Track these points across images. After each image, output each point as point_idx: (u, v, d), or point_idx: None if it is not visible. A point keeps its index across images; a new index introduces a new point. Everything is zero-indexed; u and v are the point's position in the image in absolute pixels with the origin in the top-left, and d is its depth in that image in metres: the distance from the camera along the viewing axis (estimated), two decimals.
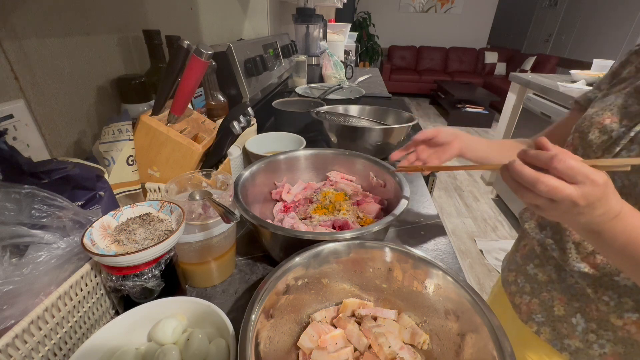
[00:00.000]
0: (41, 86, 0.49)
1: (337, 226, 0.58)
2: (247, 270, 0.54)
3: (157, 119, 0.55)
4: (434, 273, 0.41)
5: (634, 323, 0.42)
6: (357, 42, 3.04)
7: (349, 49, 2.41)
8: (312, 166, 0.73)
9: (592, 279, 0.44)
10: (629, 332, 0.43)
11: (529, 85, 2.14)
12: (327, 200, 0.65)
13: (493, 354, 0.31)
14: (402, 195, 0.55)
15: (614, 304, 0.43)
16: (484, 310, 0.35)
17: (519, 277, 0.56)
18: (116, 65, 0.64)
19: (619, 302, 0.43)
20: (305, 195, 0.68)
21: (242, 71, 0.92)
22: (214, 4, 1.03)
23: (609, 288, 0.43)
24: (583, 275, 0.45)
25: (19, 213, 0.34)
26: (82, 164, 0.46)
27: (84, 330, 0.39)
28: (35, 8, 0.47)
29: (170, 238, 0.38)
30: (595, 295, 0.45)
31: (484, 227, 2.29)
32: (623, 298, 0.42)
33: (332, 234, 0.49)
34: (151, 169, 0.57)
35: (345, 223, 0.58)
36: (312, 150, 0.73)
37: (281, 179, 0.71)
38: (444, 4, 5.55)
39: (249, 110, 0.60)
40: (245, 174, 0.62)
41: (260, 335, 0.33)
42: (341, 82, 1.65)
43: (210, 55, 0.51)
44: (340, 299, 0.45)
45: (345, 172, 0.72)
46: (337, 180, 0.70)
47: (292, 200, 0.67)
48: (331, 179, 0.71)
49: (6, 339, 0.29)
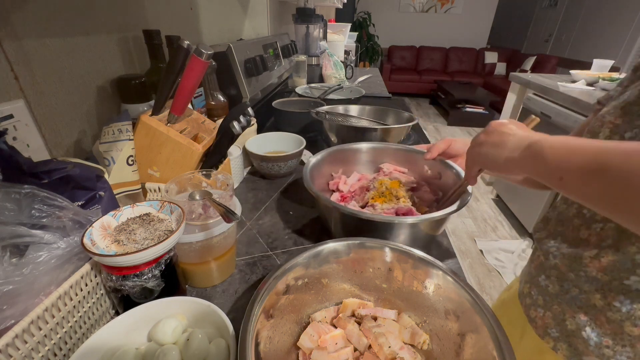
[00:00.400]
0: (41, 86, 0.49)
1: (401, 213, 0.60)
2: (247, 270, 0.54)
3: (157, 119, 0.55)
4: (434, 273, 0.41)
5: None
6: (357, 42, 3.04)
7: (349, 49, 2.41)
8: (367, 159, 0.75)
9: (601, 283, 0.42)
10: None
11: (529, 85, 2.14)
12: (384, 187, 0.66)
13: (493, 354, 0.31)
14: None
15: (626, 310, 0.40)
16: (484, 310, 0.35)
17: (533, 289, 0.53)
18: (116, 65, 0.64)
19: (631, 307, 0.40)
20: (361, 184, 0.70)
21: (242, 71, 0.92)
22: (214, 4, 1.03)
23: (620, 292, 0.40)
24: (591, 280, 0.43)
25: (19, 213, 0.34)
26: (82, 164, 0.46)
27: (84, 330, 0.39)
28: (35, 8, 0.47)
29: (170, 238, 0.38)
30: (605, 302, 0.41)
31: (484, 227, 2.29)
32: (636, 304, 0.39)
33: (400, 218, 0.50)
34: (151, 169, 0.57)
35: (409, 210, 0.59)
36: (371, 144, 0.75)
37: (337, 171, 0.73)
38: (444, 4, 5.55)
39: (249, 110, 0.60)
40: (312, 162, 0.65)
41: (260, 335, 0.33)
42: (341, 82, 1.65)
43: (210, 55, 0.51)
44: (340, 299, 0.45)
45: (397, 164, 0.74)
46: (391, 171, 0.71)
47: (349, 191, 0.69)
48: (384, 170, 0.72)
49: (6, 339, 0.29)
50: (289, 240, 0.62)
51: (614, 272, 0.40)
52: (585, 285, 0.44)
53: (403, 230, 0.51)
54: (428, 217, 0.50)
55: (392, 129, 0.84)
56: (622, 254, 0.40)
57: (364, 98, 1.27)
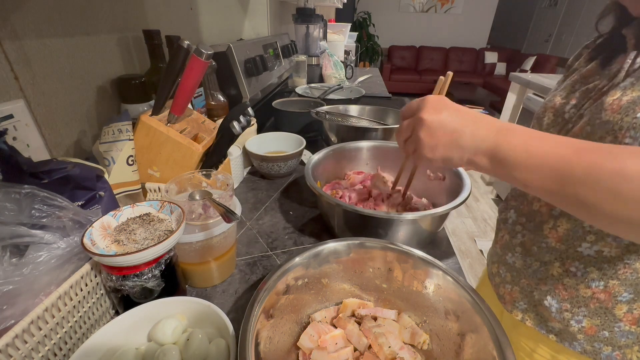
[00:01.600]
0: (41, 86, 0.49)
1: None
2: (247, 270, 0.54)
3: (157, 119, 0.55)
4: (434, 273, 0.41)
5: (602, 291, 0.44)
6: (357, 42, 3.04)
7: (349, 49, 2.41)
8: (369, 158, 0.76)
9: (559, 252, 0.47)
10: (599, 300, 0.44)
11: (529, 85, 2.14)
12: None
13: (493, 354, 0.31)
14: (463, 186, 0.57)
15: (580, 274, 0.45)
16: (484, 310, 0.35)
17: (501, 268, 0.58)
18: (116, 65, 0.64)
19: (585, 272, 0.44)
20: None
21: (242, 71, 0.91)
22: (214, 4, 1.03)
23: (575, 259, 0.45)
24: (551, 251, 0.48)
25: (19, 213, 0.34)
26: (82, 164, 0.46)
27: (84, 330, 0.39)
28: (35, 8, 0.47)
29: (170, 238, 0.38)
30: (563, 269, 0.46)
31: (484, 227, 2.29)
32: (588, 267, 0.44)
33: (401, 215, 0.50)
34: (151, 169, 0.57)
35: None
36: (372, 143, 0.75)
37: (337, 169, 0.74)
38: (444, 4, 5.55)
39: (249, 110, 0.60)
40: (313, 160, 0.66)
41: (260, 335, 0.33)
42: (341, 82, 1.65)
43: (210, 55, 0.51)
44: (340, 299, 0.45)
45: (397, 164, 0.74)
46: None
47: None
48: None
49: (6, 339, 0.29)
50: (289, 240, 0.62)
51: (569, 241, 0.45)
52: (546, 256, 0.48)
53: (404, 226, 0.52)
54: (428, 213, 0.50)
55: (392, 129, 0.84)
56: (574, 222, 0.44)
57: (364, 98, 1.27)
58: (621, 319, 0.44)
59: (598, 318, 0.45)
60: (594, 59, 0.48)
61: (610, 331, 0.45)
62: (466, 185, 0.56)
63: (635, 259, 0.41)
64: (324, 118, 0.88)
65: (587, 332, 0.47)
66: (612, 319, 0.44)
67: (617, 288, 0.43)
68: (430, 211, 0.51)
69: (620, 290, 0.43)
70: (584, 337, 0.47)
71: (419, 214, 0.50)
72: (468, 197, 0.54)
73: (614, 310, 0.44)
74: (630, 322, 0.43)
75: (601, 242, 0.42)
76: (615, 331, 0.45)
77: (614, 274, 0.42)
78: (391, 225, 0.52)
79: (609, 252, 0.42)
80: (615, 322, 0.44)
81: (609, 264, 0.42)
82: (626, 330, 0.44)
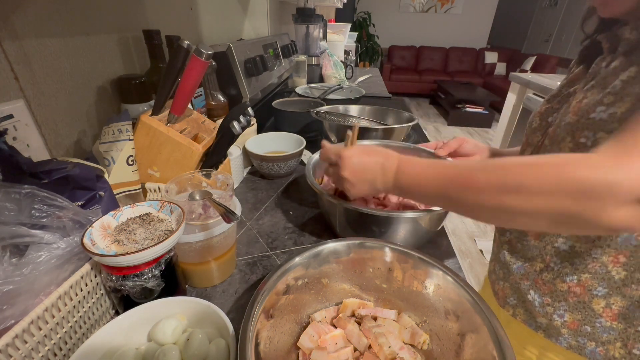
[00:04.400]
0: (41, 86, 0.49)
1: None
2: (247, 270, 0.54)
3: (157, 119, 0.55)
4: (434, 273, 0.41)
5: (577, 285, 0.46)
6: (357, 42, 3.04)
7: (349, 49, 2.41)
8: None
9: (539, 249, 0.49)
10: (576, 294, 0.46)
11: (529, 85, 2.14)
12: None
13: (493, 354, 0.31)
14: None
15: (557, 269, 0.47)
16: (484, 310, 0.35)
17: (496, 265, 0.59)
18: (116, 65, 0.64)
19: (560, 266, 0.47)
20: None
21: (242, 71, 0.91)
22: (214, 4, 1.03)
23: (554, 255, 0.47)
24: (532, 248, 0.50)
25: (19, 213, 0.34)
26: (82, 164, 0.46)
27: (84, 330, 0.39)
28: (36, 8, 0.47)
29: (170, 238, 0.38)
30: (543, 264, 0.49)
31: (484, 227, 2.29)
32: (563, 262, 0.46)
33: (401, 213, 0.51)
34: (151, 169, 0.57)
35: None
36: (373, 142, 0.75)
37: None
38: (444, 4, 5.55)
39: (249, 110, 0.60)
40: (314, 159, 0.66)
41: (260, 335, 0.33)
42: (341, 82, 1.65)
43: (210, 55, 0.51)
44: (340, 299, 0.45)
45: None
46: None
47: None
48: None
49: (6, 339, 0.29)
50: (289, 240, 0.62)
51: (546, 238, 0.48)
52: (528, 253, 0.51)
53: (404, 224, 0.52)
54: (428, 211, 0.51)
55: (392, 129, 0.84)
56: None
57: (364, 98, 1.27)
58: (601, 314, 0.45)
59: (579, 312, 0.46)
60: (582, 63, 0.49)
61: (592, 326, 0.46)
62: None
63: (601, 253, 0.42)
64: (324, 118, 0.88)
65: (570, 327, 0.48)
66: (592, 314, 0.45)
67: (590, 282, 0.44)
68: (430, 209, 0.51)
69: (594, 284, 0.44)
70: (567, 331, 0.48)
71: (418, 212, 0.50)
72: None
73: (591, 304, 0.45)
74: (610, 317, 0.44)
75: (573, 237, 0.45)
76: (597, 327, 0.45)
77: (585, 268, 0.44)
78: (391, 223, 0.52)
79: (580, 247, 0.44)
80: (595, 317, 0.45)
81: (579, 259, 0.45)
82: (607, 326, 0.45)
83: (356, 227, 0.55)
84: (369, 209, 0.53)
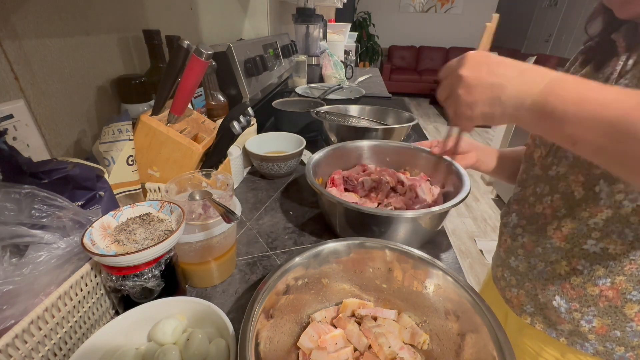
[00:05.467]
0: (41, 86, 0.49)
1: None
2: (247, 270, 0.54)
3: (157, 119, 0.55)
4: (434, 273, 0.41)
5: (610, 289, 0.43)
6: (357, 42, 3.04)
7: (349, 49, 2.41)
8: (369, 156, 0.76)
9: (564, 251, 0.47)
10: (607, 298, 0.44)
11: None
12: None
13: (493, 354, 0.31)
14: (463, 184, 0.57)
15: (587, 272, 0.45)
16: (484, 310, 0.35)
17: (505, 272, 0.58)
18: (116, 65, 0.64)
19: (591, 269, 0.44)
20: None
21: (242, 71, 0.92)
22: (214, 4, 1.03)
23: (581, 257, 0.45)
24: (557, 250, 0.48)
25: (19, 213, 0.34)
26: (82, 164, 0.45)
27: (84, 330, 0.39)
28: (35, 8, 0.47)
29: (170, 238, 0.38)
30: (570, 267, 0.46)
31: (484, 227, 2.29)
32: (594, 265, 0.44)
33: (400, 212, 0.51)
34: (151, 169, 0.57)
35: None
36: (373, 142, 0.75)
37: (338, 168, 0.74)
38: (444, 4, 5.55)
39: (249, 110, 0.60)
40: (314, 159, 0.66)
41: (260, 335, 0.33)
42: (341, 82, 1.65)
43: (210, 55, 0.51)
44: (340, 299, 0.45)
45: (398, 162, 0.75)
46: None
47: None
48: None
49: (6, 339, 0.29)
50: (289, 240, 0.62)
51: (574, 239, 0.45)
52: (552, 256, 0.48)
53: (404, 224, 0.52)
54: (428, 211, 0.50)
55: (392, 129, 0.84)
56: (578, 221, 0.45)
57: (364, 98, 1.27)
58: (632, 318, 0.43)
59: (608, 317, 0.45)
60: (588, 63, 0.48)
61: (622, 331, 0.44)
62: (465, 184, 0.56)
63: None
64: (324, 118, 0.88)
65: (598, 332, 0.46)
66: (622, 318, 0.44)
67: (625, 285, 0.42)
68: (430, 209, 0.51)
69: (628, 288, 0.42)
70: (595, 337, 0.46)
71: (419, 212, 0.50)
72: (467, 195, 0.54)
73: (624, 309, 0.43)
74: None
75: (606, 239, 0.42)
76: (627, 331, 0.44)
77: (620, 270, 0.42)
78: (391, 223, 0.52)
79: (614, 249, 0.42)
80: (626, 321, 0.44)
81: (614, 261, 0.42)
82: (639, 330, 0.43)
83: (356, 227, 0.55)
84: (368, 208, 0.53)
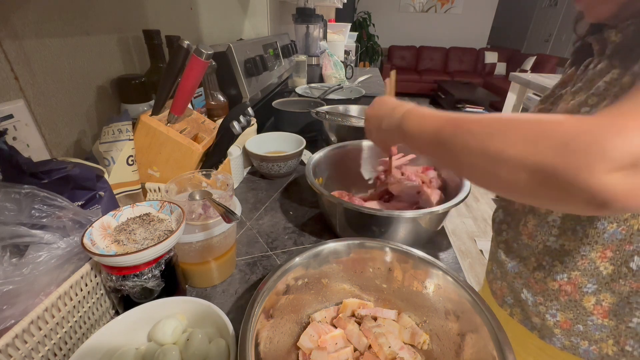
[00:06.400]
0: (41, 86, 0.49)
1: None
2: (247, 270, 0.54)
3: (157, 119, 0.55)
4: (434, 273, 0.41)
5: (568, 283, 0.46)
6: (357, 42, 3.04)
7: (349, 49, 2.41)
8: (369, 156, 0.76)
9: (531, 248, 0.49)
10: (567, 292, 0.46)
11: (529, 85, 2.14)
12: None
13: (493, 354, 0.31)
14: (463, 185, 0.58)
15: (548, 267, 0.47)
16: (484, 310, 0.35)
17: (493, 265, 0.60)
18: (116, 65, 0.64)
19: (552, 265, 0.47)
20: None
21: (242, 71, 0.91)
22: (214, 4, 1.03)
23: (545, 254, 0.47)
24: (526, 247, 0.50)
25: (19, 213, 0.34)
26: (82, 164, 0.46)
27: (84, 330, 0.39)
28: (35, 8, 0.47)
29: (170, 238, 0.38)
30: (537, 263, 0.49)
31: (484, 227, 2.29)
32: (554, 261, 0.46)
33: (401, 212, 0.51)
34: (151, 169, 0.57)
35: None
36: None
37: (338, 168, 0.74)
38: (444, 4, 5.55)
39: (249, 110, 0.60)
40: (314, 159, 0.67)
41: (260, 335, 0.33)
42: (341, 82, 1.65)
43: (210, 55, 0.51)
44: (340, 299, 0.45)
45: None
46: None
47: None
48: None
49: (6, 339, 0.29)
50: (289, 240, 0.62)
51: (538, 236, 0.48)
52: (523, 252, 0.51)
53: (404, 224, 0.53)
54: (428, 211, 0.51)
55: None
56: (538, 217, 0.47)
57: (364, 98, 1.27)
58: (592, 312, 0.45)
59: (570, 311, 0.46)
60: (573, 65, 0.50)
61: (584, 325, 0.46)
62: (466, 184, 0.57)
63: (590, 250, 0.42)
64: (324, 118, 0.88)
65: (563, 326, 0.48)
66: (583, 312, 0.45)
67: (580, 279, 0.44)
68: (430, 209, 0.51)
69: (583, 281, 0.44)
70: (560, 331, 0.48)
71: (419, 212, 0.50)
72: (467, 195, 0.54)
73: (582, 302, 0.45)
74: (601, 315, 0.44)
75: (563, 236, 0.45)
76: (589, 325, 0.45)
77: (574, 265, 0.44)
78: (391, 223, 0.52)
79: (569, 245, 0.44)
80: (587, 315, 0.45)
81: (569, 257, 0.45)
82: (599, 323, 0.45)
83: (356, 227, 0.55)
84: (368, 208, 0.53)
